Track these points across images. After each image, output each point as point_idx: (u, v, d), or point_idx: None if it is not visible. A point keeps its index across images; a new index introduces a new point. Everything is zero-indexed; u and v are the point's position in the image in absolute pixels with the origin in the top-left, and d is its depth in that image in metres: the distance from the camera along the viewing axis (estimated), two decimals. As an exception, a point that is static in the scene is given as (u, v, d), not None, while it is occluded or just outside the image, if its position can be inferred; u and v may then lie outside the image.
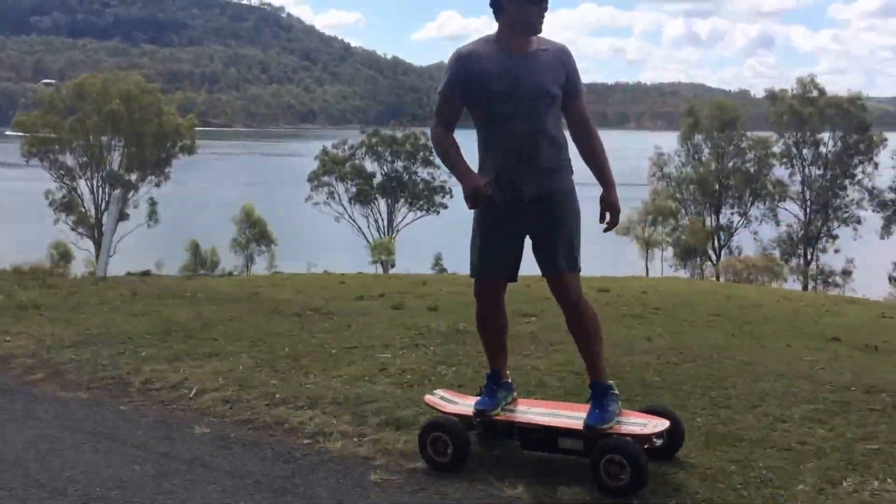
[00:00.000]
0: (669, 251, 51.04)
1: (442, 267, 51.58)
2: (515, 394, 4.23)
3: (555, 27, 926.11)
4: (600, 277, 29.41)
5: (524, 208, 3.80)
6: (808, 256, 51.35)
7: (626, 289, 23.65)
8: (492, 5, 3.82)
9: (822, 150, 51.32)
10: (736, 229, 52.00)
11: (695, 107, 52.92)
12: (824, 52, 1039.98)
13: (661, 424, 3.76)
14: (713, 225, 51.30)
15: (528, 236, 3.92)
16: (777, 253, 50.99)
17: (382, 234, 61.19)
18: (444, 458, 3.90)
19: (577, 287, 3.88)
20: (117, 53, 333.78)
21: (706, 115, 50.55)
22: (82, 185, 56.25)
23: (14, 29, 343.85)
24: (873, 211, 51.23)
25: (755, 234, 51.37)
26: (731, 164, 50.61)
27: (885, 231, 50.98)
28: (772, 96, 52.76)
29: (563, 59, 3.88)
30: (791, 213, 51.95)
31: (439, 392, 4.44)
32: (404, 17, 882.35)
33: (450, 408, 4.18)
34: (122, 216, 55.82)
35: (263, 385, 5.20)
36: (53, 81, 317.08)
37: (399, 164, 62.90)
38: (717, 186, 50.65)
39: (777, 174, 51.76)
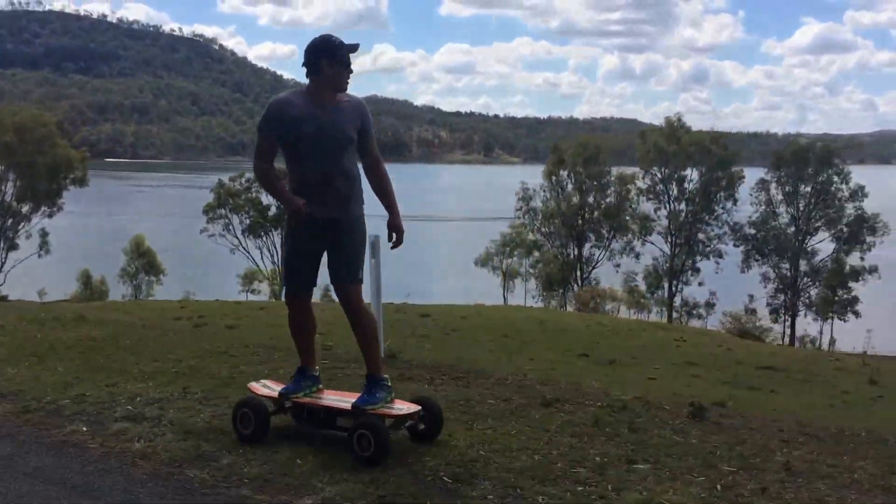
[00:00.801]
0: (533, 282, 53.56)
1: (330, 297, 53.40)
2: (321, 385, 4.92)
3: (489, 61, 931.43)
4: (437, 305, 31.63)
5: (319, 230, 4.51)
6: (673, 289, 54.16)
7: (447, 314, 25.86)
8: (305, 66, 4.52)
9: (687, 186, 54.36)
10: (597, 262, 54.71)
11: (559, 143, 55.97)
12: (757, 87, 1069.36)
13: (412, 408, 4.56)
14: (574, 257, 53.95)
15: (324, 253, 4.64)
16: (643, 285, 53.78)
17: (277, 265, 62.70)
18: (248, 430, 4.63)
19: (358, 296, 4.61)
20: (46, 83, 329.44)
21: (570, 152, 53.40)
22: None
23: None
24: (734, 245, 54.26)
25: (617, 267, 54.03)
26: (591, 199, 53.33)
27: (745, 265, 54.02)
28: (641, 134, 55.95)
29: (360, 110, 4.61)
30: (657, 246, 54.74)
31: (263, 381, 5.19)
32: None
33: (264, 391, 4.89)
34: (13, 245, 57.07)
35: None
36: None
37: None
38: (579, 220, 53.41)
39: (644, 209, 54.62)
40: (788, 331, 51.94)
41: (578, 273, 52.98)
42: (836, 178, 51.59)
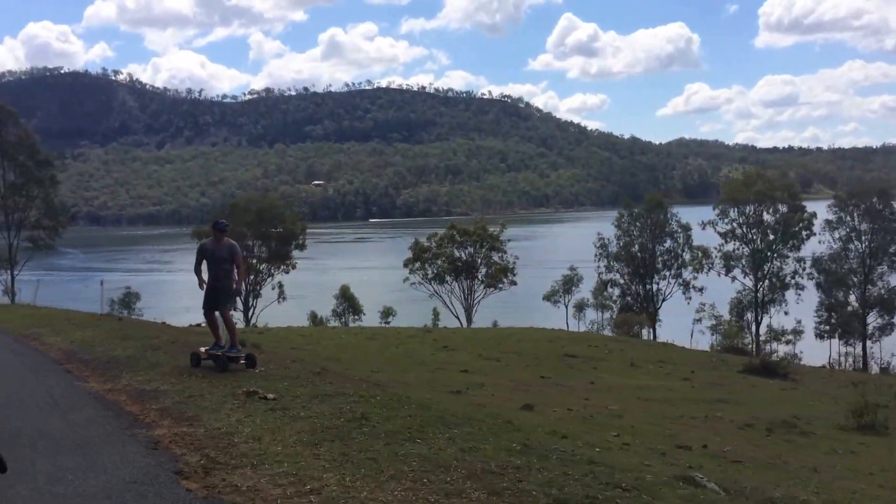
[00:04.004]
0: (607, 313, 65.41)
1: (497, 327, 69.36)
2: (224, 348, 13.19)
3: (815, 90, 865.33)
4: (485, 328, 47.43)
5: (213, 290, 13.14)
6: (759, 318, 63.26)
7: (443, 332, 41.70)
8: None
9: (761, 228, 63.25)
10: (665, 296, 65.24)
11: (628, 199, 67.31)
12: None
13: (241, 355, 13.26)
14: (645, 292, 64.64)
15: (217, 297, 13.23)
16: (729, 315, 63.23)
17: (464, 309, 79.77)
18: (193, 363, 13.14)
19: (227, 313, 13.53)
20: (375, 153, 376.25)
21: (638, 206, 64.86)
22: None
23: (293, 138, 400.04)
24: (808, 278, 62.40)
25: (689, 300, 63.61)
26: (649, 244, 63.76)
27: (825, 295, 61.58)
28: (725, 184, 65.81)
29: (229, 247, 13.20)
30: (740, 280, 64.16)
31: (204, 347, 13.53)
32: (649, 94, 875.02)
33: (202, 350, 13.53)
34: (257, 294, 79.85)
35: None
36: (322, 182, 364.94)
37: (473, 251, 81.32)
38: (647, 261, 64.13)
39: (727, 248, 64.17)
40: (861, 352, 59.32)
41: (651, 306, 63.79)
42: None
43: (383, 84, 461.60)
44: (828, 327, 59.53)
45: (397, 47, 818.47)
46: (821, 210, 61.96)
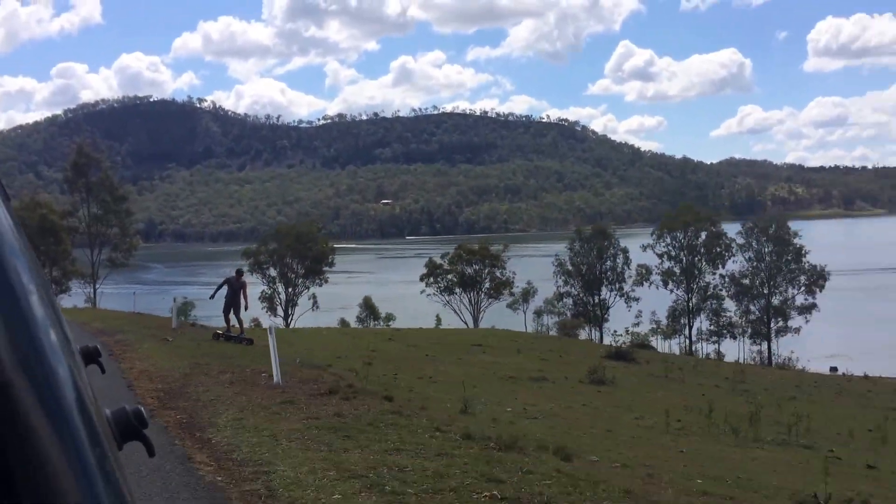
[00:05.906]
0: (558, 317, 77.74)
1: (494, 330, 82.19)
2: (234, 334, 24.19)
3: (863, 111, 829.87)
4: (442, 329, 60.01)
5: (230, 303, 23.86)
6: (690, 322, 75.00)
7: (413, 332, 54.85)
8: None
9: (692, 248, 75.24)
10: (611, 305, 77.09)
11: (581, 227, 79.56)
12: None
13: (247, 338, 24.11)
14: (593, 302, 76.66)
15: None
16: (666, 322, 75.12)
17: (472, 316, 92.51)
18: (216, 339, 24.10)
19: (240, 316, 24.17)
20: (439, 174, 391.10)
21: (587, 230, 77.41)
22: (280, 288, 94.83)
23: (363, 160, 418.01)
24: (725, 291, 74.33)
25: (629, 308, 75.38)
26: (596, 263, 75.83)
27: (739, 305, 73.72)
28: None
29: (242, 283, 24.00)
30: (675, 293, 75.93)
31: (220, 331, 25.10)
32: (703, 116, 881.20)
33: (218, 331, 25.36)
34: (296, 303, 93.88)
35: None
36: (390, 202, 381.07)
37: (478, 267, 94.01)
38: (594, 277, 76.09)
39: (664, 266, 76.18)
40: (766, 351, 70.91)
41: (598, 312, 75.83)
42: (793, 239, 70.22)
43: (448, 109, 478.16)
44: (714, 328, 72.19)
45: (464, 74, 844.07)
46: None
